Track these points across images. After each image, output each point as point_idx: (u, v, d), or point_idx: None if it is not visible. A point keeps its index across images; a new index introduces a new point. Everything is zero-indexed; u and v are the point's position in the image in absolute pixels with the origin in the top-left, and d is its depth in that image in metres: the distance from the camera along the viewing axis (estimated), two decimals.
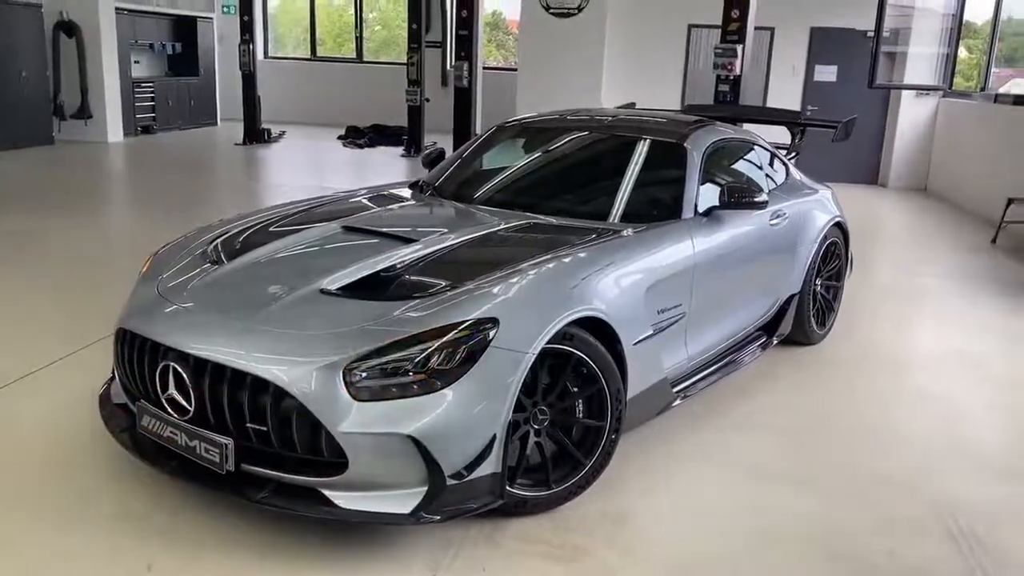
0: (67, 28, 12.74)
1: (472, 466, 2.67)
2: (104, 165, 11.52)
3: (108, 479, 3.09)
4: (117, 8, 13.35)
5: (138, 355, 2.92)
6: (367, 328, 2.72)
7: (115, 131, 13.38)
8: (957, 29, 10.80)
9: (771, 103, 11.72)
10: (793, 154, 5.47)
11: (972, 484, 3.40)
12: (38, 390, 3.87)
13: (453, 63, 12.34)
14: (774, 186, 4.67)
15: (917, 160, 11.79)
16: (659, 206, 3.92)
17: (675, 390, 3.64)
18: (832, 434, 3.82)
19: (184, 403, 2.76)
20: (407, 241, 3.36)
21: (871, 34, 10.85)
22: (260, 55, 16.00)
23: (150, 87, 14.68)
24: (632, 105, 6.18)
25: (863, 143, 11.59)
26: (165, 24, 15.50)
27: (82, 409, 3.54)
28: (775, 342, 4.56)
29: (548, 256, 3.17)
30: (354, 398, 2.58)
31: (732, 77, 8.35)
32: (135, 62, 14.60)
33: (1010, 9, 11.02)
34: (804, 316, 4.73)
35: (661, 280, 3.45)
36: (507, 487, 2.81)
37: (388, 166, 12.36)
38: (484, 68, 13.24)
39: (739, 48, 8.31)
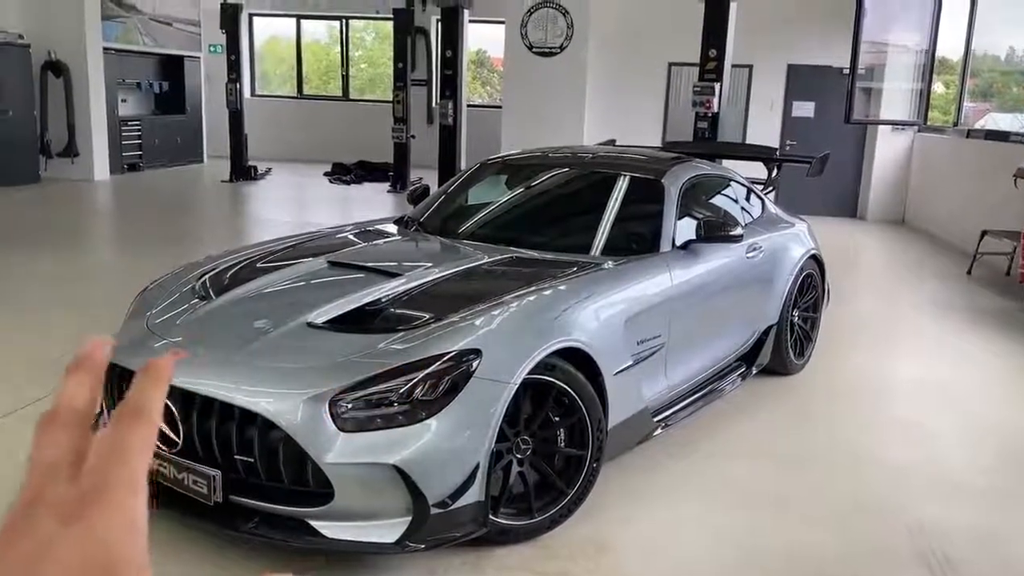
0: (55, 67, 12.84)
1: (456, 495, 2.73)
2: (91, 203, 11.56)
3: None
4: (105, 48, 13.48)
5: (127, 389, 2.96)
6: (353, 360, 2.79)
7: (102, 169, 13.43)
8: (930, 65, 11.07)
9: (750, 139, 11.93)
10: (769, 189, 5.61)
11: (948, 511, 3.47)
12: (23, 427, 3.89)
13: (438, 101, 12.52)
14: (751, 220, 4.79)
15: (894, 193, 12.02)
16: (638, 240, 4.03)
17: (656, 419, 3.71)
18: (811, 462, 3.89)
19: (172, 436, 2.81)
20: (392, 275, 3.44)
21: (847, 71, 11.11)
22: (247, 93, 16.14)
23: (137, 125, 14.78)
24: (612, 142, 6.33)
25: (841, 177, 11.81)
26: (152, 63, 15.64)
27: None
28: (754, 372, 4.65)
29: (530, 289, 3.26)
30: (340, 429, 2.64)
31: (710, 114, 8.54)
32: (122, 100, 14.70)
33: (985, 46, 11.33)
34: (782, 346, 4.82)
35: (640, 311, 3.54)
36: (490, 516, 2.86)
37: (374, 202, 12.47)
38: (469, 105, 13.41)
39: (716, 86, 8.51)
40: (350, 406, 2.67)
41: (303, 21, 17.90)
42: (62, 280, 6.82)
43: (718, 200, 4.76)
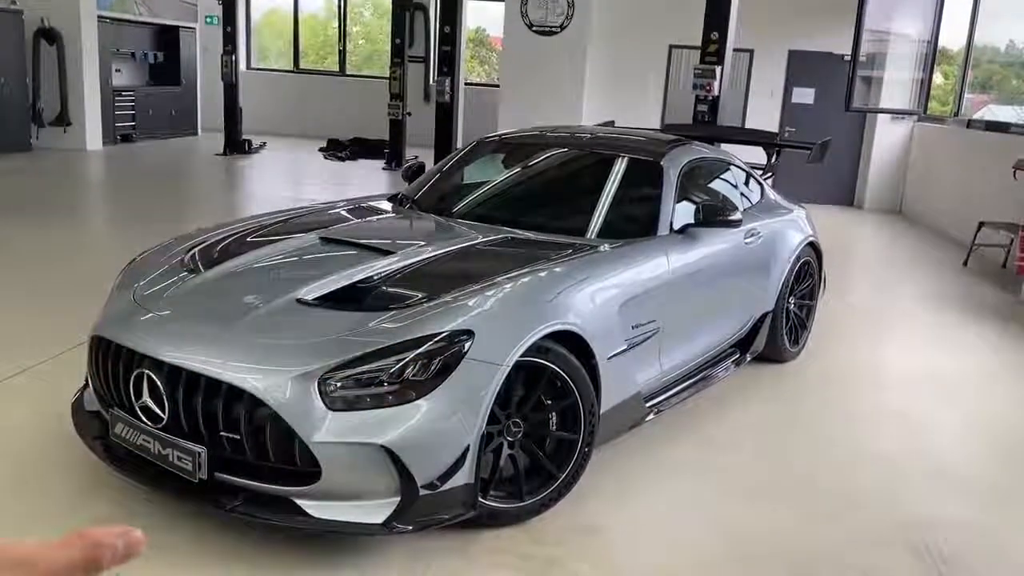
0: (48, 35, 12.66)
1: (445, 477, 2.69)
2: (82, 173, 11.44)
3: (80, 488, 3.08)
4: (99, 16, 13.29)
5: (113, 362, 2.92)
6: (343, 338, 2.74)
7: (94, 139, 13.28)
8: (932, 55, 11.00)
9: (750, 124, 11.86)
10: (769, 174, 5.55)
11: (941, 503, 3.45)
12: (11, 397, 3.85)
13: (435, 78, 12.41)
14: (749, 205, 4.73)
15: (892, 183, 11.98)
16: (635, 223, 3.97)
17: (648, 405, 3.67)
18: (804, 452, 3.86)
19: (158, 411, 2.76)
20: (385, 253, 3.38)
21: (848, 58, 11.03)
22: (243, 66, 15.97)
23: (131, 96, 14.61)
24: (611, 123, 6.26)
25: (840, 165, 11.76)
26: (147, 33, 15.46)
27: (55, 417, 3.52)
28: (748, 359, 4.61)
29: (524, 270, 3.21)
30: (328, 408, 2.59)
31: (710, 97, 8.47)
32: (116, 70, 14.53)
33: (985, 37, 11.26)
34: (777, 334, 4.79)
35: (636, 296, 3.49)
36: (480, 498, 2.83)
37: (369, 179, 12.37)
38: (467, 84, 13.31)
39: (717, 69, 8.43)
40: (339, 385, 2.62)
41: None
42: (52, 249, 6.74)
43: (717, 184, 4.70)
